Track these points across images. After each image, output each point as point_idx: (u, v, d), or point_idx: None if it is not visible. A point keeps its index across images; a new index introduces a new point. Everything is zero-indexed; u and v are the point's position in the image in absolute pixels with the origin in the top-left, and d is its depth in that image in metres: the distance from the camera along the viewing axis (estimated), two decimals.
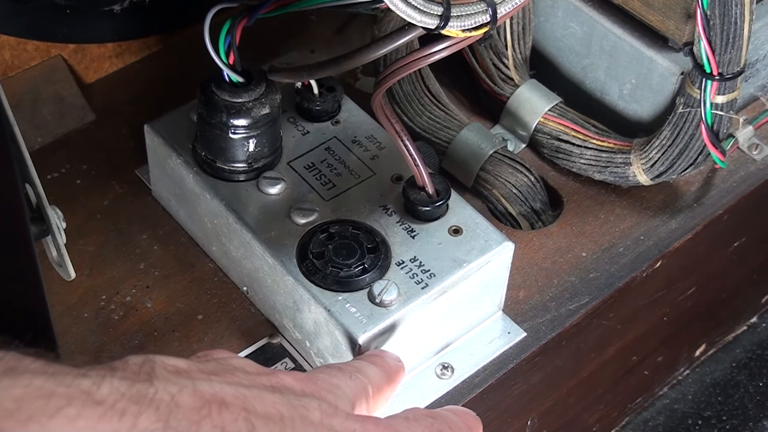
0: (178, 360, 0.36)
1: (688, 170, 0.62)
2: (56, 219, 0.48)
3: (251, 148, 0.58)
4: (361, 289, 0.54)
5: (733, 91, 0.59)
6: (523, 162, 0.65)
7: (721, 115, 0.59)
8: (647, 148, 0.62)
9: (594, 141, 0.65)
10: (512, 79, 0.67)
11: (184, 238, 0.63)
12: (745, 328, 0.77)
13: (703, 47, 0.57)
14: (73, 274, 0.50)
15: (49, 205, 0.48)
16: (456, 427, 0.46)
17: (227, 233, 0.58)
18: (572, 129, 0.65)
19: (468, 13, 0.48)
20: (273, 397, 0.37)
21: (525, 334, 0.59)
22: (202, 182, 0.59)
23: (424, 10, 0.48)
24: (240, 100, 0.57)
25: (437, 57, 0.51)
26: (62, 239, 0.49)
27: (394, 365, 0.50)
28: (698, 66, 0.58)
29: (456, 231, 0.57)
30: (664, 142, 0.61)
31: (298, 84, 0.61)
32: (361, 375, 0.46)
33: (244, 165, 0.58)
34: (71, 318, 0.59)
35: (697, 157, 0.61)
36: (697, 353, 0.75)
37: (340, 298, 0.54)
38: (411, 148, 0.56)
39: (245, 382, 0.37)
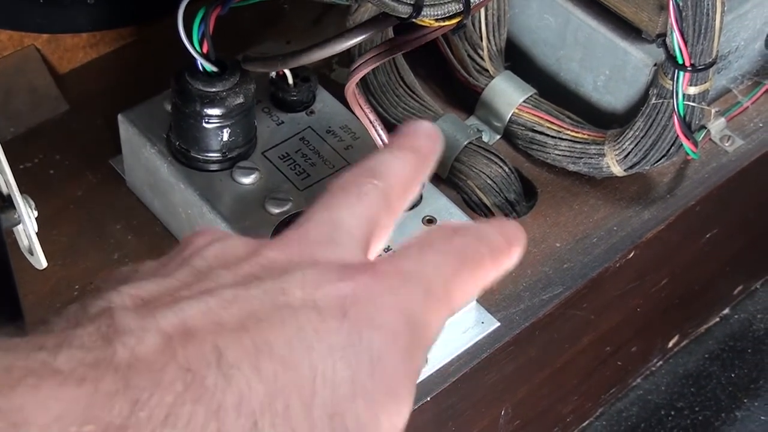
0: (141, 285, 0.31)
1: (660, 161, 0.62)
2: (27, 207, 0.48)
3: (225, 137, 0.58)
4: None
5: (705, 83, 0.59)
6: (498, 153, 0.65)
7: (694, 107, 0.60)
8: (621, 139, 0.63)
9: (568, 132, 0.65)
10: (487, 71, 0.67)
11: (158, 228, 0.63)
12: (717, 319, 0.78)
13: (675, 38, 0.57)
14: (44, 263, 0.50)
15: (21, 194, 0.48)
16: (491, 245, 0.35)
17: (201, 223, 0.58)
18: (546, 120, 0.65)
19: (441, 2, 0.49)
20: (247, 296, 0.31)
21: (498, 324, 0.59)
22: (176, 172, 0.59)
23: None
24: (214, 89, 0.56)
25: (411, 46, 0.51)
26: (33, 227, 0.48)
27: (425, 147, 0.37)
28: (671, 57, 0.59)
29: (430, 221, 0.57)
30: (637, 134, 0.62)
31: (273, 74, 0.61)
32: (377, 182, 0.35)
33: (219, 155, 0.58)
34: (44, 308, 0.58)
35: (670, 148, 0.62)
36: (671, 344, 0.75)
37: None
38: (385, 139, 0.56)
39: (220, 283, 0.31)
